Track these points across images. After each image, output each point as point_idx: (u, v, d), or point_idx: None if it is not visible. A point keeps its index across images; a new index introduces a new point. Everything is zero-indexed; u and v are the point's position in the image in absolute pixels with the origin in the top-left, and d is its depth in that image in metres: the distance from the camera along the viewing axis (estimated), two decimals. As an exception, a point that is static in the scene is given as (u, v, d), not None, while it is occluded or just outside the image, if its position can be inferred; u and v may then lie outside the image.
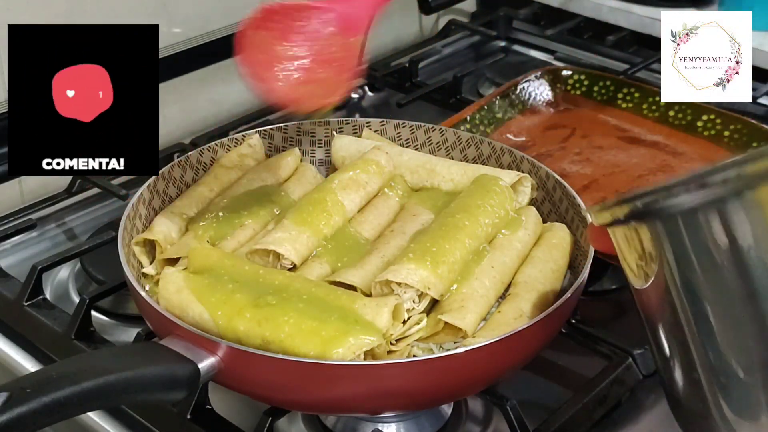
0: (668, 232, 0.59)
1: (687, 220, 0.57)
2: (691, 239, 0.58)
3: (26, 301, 0.94)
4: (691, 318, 0.60)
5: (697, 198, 0.56)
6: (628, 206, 0.60)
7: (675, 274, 0.59)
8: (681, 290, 0.60)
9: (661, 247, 0.59)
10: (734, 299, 0.57)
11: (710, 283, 0.58)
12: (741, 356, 0.58)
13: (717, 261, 0.57)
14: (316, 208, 0.87)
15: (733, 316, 0.58)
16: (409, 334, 0.77)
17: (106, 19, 1.15)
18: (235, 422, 0.81)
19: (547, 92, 1.26)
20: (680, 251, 0.58)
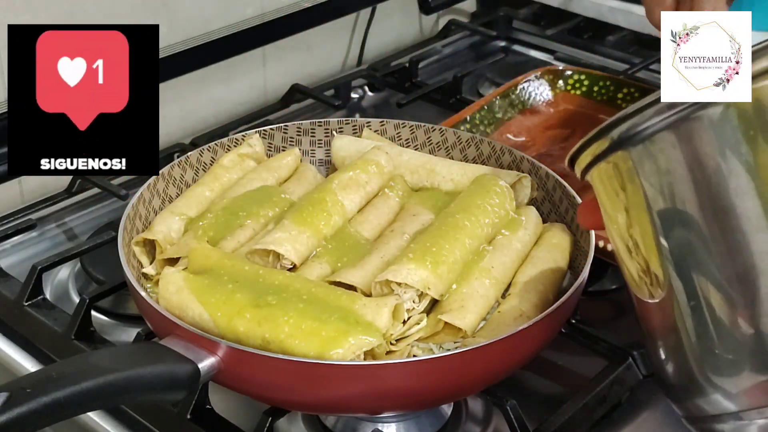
0: (647, 155, 0.59)
1: (663, 140, 0.58)
2: (668, 158, 0.58)
3: (26, 301, 0.94)
4: (671, 244, 0.60)
5: (672, 115, 0.57)
6: (606, 139, 0.61)
7: (656, 196, 0.60)
8: (661, 214, 0.60)
9: (641, 172, 0.60)
10: (714, 217, 0.57)
11: (690, 200, 0.58)
12: (720, 276, 0.58)
13: (701, 176, 0.57)
14: (316, 208, 0.87)
15: (711, 236, 0.58)
16: (409, 334, 0.78)
17: (106, 19, 1.15)
18: (235, 422, 0.81)
19: (547, 92, 1.26)
20: (660, 172, 0.59)
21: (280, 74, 1.38)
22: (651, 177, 0.60)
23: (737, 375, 0.59)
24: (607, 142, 0.62)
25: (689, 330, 0.61)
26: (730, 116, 0.57)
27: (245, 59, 1.31)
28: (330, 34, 1.43)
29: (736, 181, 0.57)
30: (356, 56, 1.51)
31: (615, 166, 0.62)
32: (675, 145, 0.58)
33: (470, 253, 0.84)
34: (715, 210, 0.57)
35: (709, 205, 0.58)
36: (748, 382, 0.59)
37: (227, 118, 1.30)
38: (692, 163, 0.58)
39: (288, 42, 1.35)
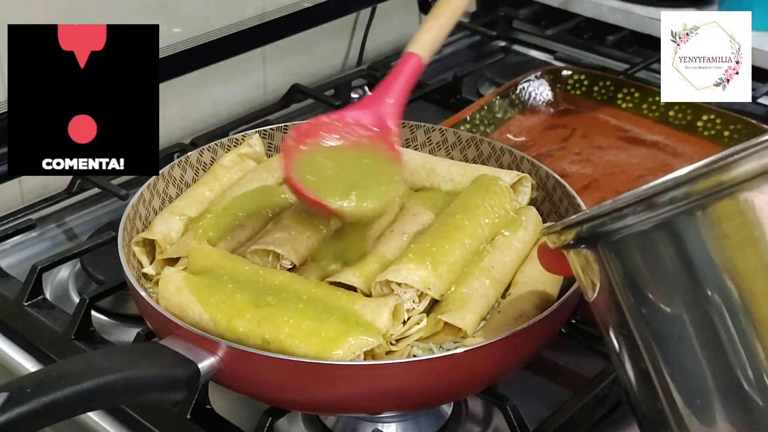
0: (616, 255, 0.57)
1: (634, 242, 0.56)
2: (640, 260, 0.56)
3: (26, 301, 0.94)
4: (646, 341, 0.58)
5: (645, 219, 0.55)
6: (574, 231, 0.59)
7: (625, 296, 0.58)
8: (632, 312, 0.58)
9: (610, 270, 0.58)
10: (687, 322, 0.56)
11: (660, 304, 0.57)
12: (696, 377, 0.57)
13: (667, 281, 0.56)
14: (317, 208, 0.87)
15: (686, 339, 0.57)
16: (409, 334, 0.77)
17: (106, 19, 1.15)
18: (235, 422, 0.81)
19: (547, 92, 1.26)
20: (629, 273, 0.57)
21: (280, 74, 1.38)
22: (618, 275, 0.58)
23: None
24: (576, 234, 0.60)
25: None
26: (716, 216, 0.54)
27: (245, 59, 1.31)
28: (330, 34, 1.43)
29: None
30: (356, 56, 1.51)
31: (585, 256, 0.61)
32: (655, 245, 0.56)
33: (470, 253, 0.84)
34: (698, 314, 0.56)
35: (689, 306, 0.56)
36: None
37: (227, 118, 1.30)
38: (673, 263, 0.56)
39: (288, 42, 1.35)
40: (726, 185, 0.52)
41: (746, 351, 0.54)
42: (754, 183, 0.52)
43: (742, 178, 0.52)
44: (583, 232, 0.58)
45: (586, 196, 0.97)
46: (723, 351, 0.55)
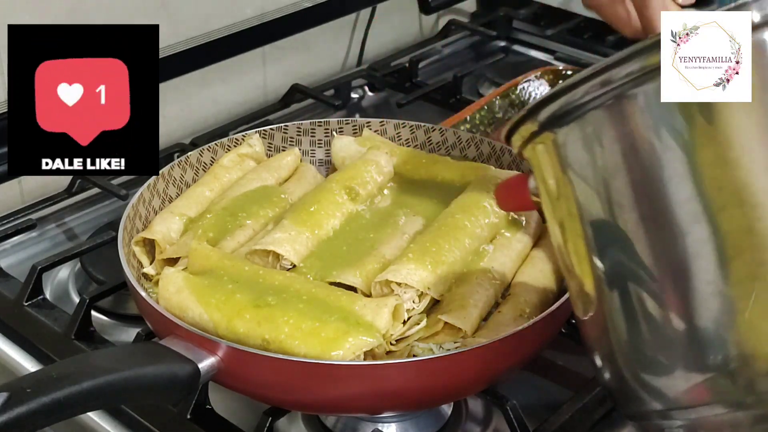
0: (576, 137, 0.58)
1: (593, 120, 0.57)
2: (599, 141, 0.57)
3: (26, 301, 0.94)
4: (599, 237, 0.59)
5: (602, 95, 0.55)
6: (534, 119, 0.60)
7: (584, 183, 0.58)
8: (588, 202, 0.59)
9: (569, 155, 0.59)
10: (646, 205, 0.56)
11: (621, 189, 0.57)
12: (652, 270, 0.57)
13: (633, 161, 0.56)
14: (316, 209, 0.87)
15: (642, 227, 0.57)
16: (409, 335, 0.77)
17: (106, 19, 1.15)
18: (235, 422, 0.81)
19: (547, 92, 1.26)
20: (589, 156, 0.58)
21: (280, 74, 1.38)
22: (579, 162, 0.59)
23: (671, 374, 0.58)
24: (536, 123, 0.61)
25: (620, 329, 0.60)
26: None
27: (245, 59, 1.31)
28: (330, 34, 1.43)
29: (671, 167, 0.55)
30: (356, 56, 1.50)
31: (545, 147, 0.61)
32: (606, 126, 0.57)
33: (470, 254, 0.84)
34: (647, 198, 0.56)
35: (641, 192, 0.56)
36: (681, 382, 0.58)
37: (227, 118, 1.30)
38: (624, 146, 0.56)
39: (288, 42, 1.35)
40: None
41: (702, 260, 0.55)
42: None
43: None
44: (542, 118, 0.59)
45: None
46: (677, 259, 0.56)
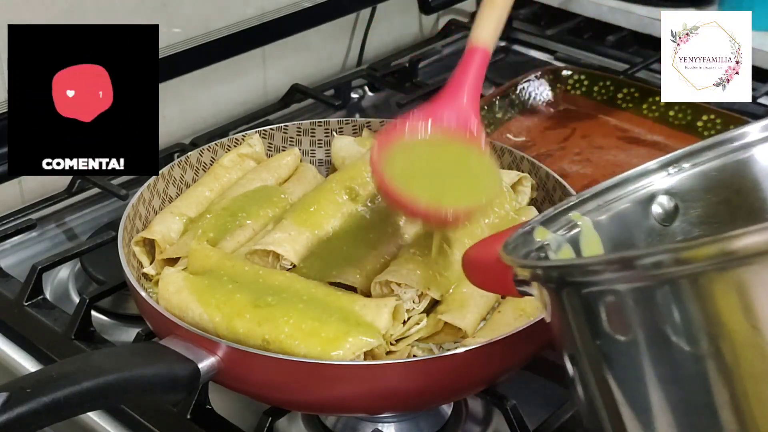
0: (589, 305, 0.52)
1: (606, 299, 0.51)
2: (608, 319, 0.51)
3: (26, 301, 0.94)
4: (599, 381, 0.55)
5: (623, 280, 0.49)
6: (555, 272, 0.54)
7: (581, 346, 0.54)
8: (585, 364, 0.55)
9: (581, 317, 0.53)
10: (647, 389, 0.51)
11: (618, 366, 0.53)
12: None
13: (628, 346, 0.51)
14: (316, 209, 0.87)
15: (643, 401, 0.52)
16: (409, 335, 0.77)
17: (106, 19, 1.15)
18: (235, 422, 0.81)
19: (547, 92, 1.26)
20: (602, 326, 0.52)
21: (280, 74, 1.38)
22: (577, 322, 0.54)
23: None
24: (552, 279, 0.55)
25: None
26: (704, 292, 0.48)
27: (245, 59, 1.31)
28: (330, 34, 1.43)
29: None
30: (356, 56, 1.50)
31: (549, 294, 0.56)
32: (617, 305, 0.51)
33: (470, 253, 0.84)
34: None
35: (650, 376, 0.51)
36: None
37: (227, 118, 1.30)
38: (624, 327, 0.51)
39: (288, 42, 1.35)
40: (727, 258, 0.45)
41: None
42: (757, 260, 0.45)
43: (746, 254, 0.45)
44: (558, 277, 0.54)
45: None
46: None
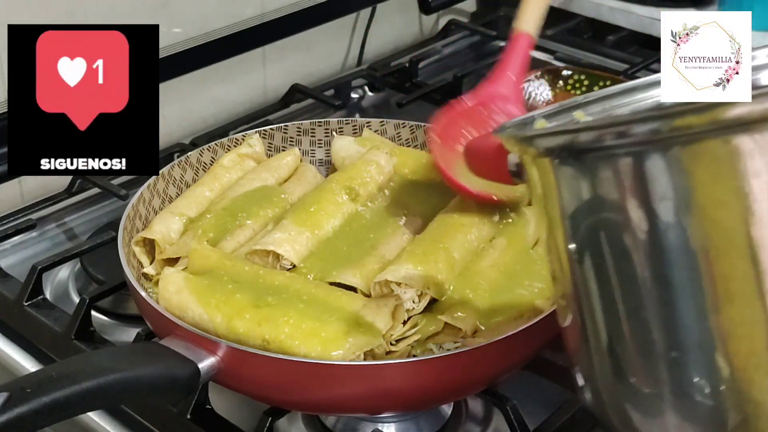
0: (578, 172, 0.54)
1: (598, 162, 0.53)
2: (598, 181, 0.53)
3: (26, 301, 0.94)
4: (585, 261, 0.56)
5: (623, 143, 0.52)
6: (560, 139, 0.55)
7: (584, 220, 0.55)
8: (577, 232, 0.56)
9: (566, 186, 0.55)
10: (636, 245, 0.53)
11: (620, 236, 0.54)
12: (640, 329, 0.54)
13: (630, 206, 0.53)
14: (316, 209, 0.87)
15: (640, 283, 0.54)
16: (409, 335, 0.77)
17: (105, 19, 1.15)
18: (235, 422, 0.81)
19: (547, 92, 1.26)
20: (585, 191, 0.54)
21: (280, 74, 1.38)
22: (575, 196, 0.55)
23: (660, 418, 0.55)
24: (541, 147, 0.57)
25: (605, 363, 0.58)
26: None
27: (245, 59, 1.31)
28: (330, 34, 1.43)
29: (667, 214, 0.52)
30: (356, 56, 1.50)
31: (543, 167, 0.57)
32: (615, 172, 0.53)
33: (470, 253, 0.84)
34: (635, 251, 0.53)
35: (637, 234, 0.53)
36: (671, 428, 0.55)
37: (227, 118, 1.30)
38: (624, 194, 0.53)
39: (288, 42, 1.35)
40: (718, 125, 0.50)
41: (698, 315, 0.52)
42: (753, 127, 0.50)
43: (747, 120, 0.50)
44: (574, 144, 0.54)
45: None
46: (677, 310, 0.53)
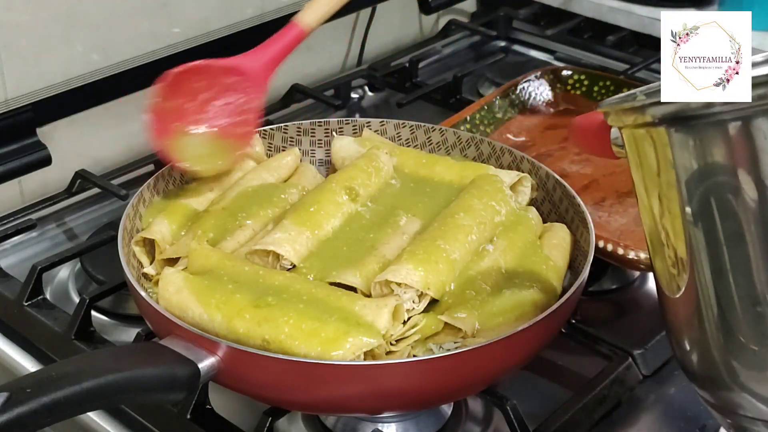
0: (692, 140, 0.58)
1: (715, 130, 0.57)
2: (716, 148, 0.57)
3: (26, 301, 0.94)
4: (702, 231, 0.59)
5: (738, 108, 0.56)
6: (652, 110, 0.59)
7: (693, 183, 0.59)
8: (694, 200, 0.59)
9: (681, 154, 0.59)
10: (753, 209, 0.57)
11: (727, 191, 0.57)
12: (749, 286, 0.58)
13: (743, 171, 0.56)
14: (316, 209, 0.87)
15: (746, 227, 0.57)
16: (409, 335, 0.77)
17: (106, 19, 1.15)
18: (235, 422, 0.81)
19: (547, 92, 1.26)
20: (700, 159, 0.58)
21: (280, 74, 1.37)
22: (690, 162, 0.59)
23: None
24: (651, 115, 0.60)
25: (714, 322, 0.60)
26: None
27: (245, 59, 1.31)
28: (330, 34, 1.43)
29: None
30: (356, 56, 1.50)
31: (650, 137, 0.61)
32: (726, 136, 0.57)
33: (470, 253, 0.84)
34: (753, 202, 0.57)
35: (748, 196, 0.57)
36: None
37: (227, 118, 1.30)
38: (734, 157, 0.57)
39: (288, 42, 1.35)
40: None
41: None
42: None
43: None
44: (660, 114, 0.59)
45: (586, 196, 0.97)
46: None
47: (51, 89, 1.12)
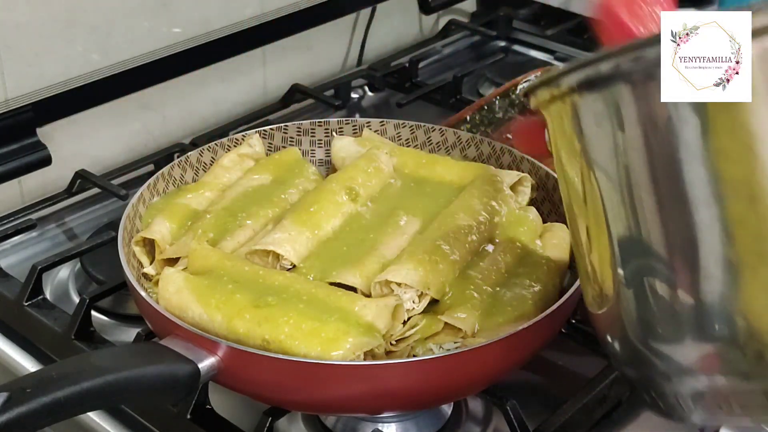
0: (601, 104, 0.58)
1: (621, 90, 0.57)
2: (625, 111, 0.58)
3: (26, 301, 0.94)
4: (610, 207, 0.60)
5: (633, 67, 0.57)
6: (566, 79, 0.60)
7: (603, 151, 0.59)
8: (604, 170, 0.59)
9: (591, 120, 0.59)
10: (660, 181, 0.57)
11: (637, 162, 0.57)
12: (660, 245, 0.58)
13: (653, 137, 0.57)
14: (316, 209, 0.87)
15: (654, 201, 0.58)
16: (409, 335, 0.77)
17: (106, 19, 1.15)
18: (235, 422, 0.81)
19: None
20: (613, 124, 0.58)
21: (280, 74, 1.38)
22: (600, 129, 0.59)
23: (680, 343, 0.59)
24: (560, 87, 0.62)
25: (629, 301, 0.61)
26: None
27: (245, 59, 1.31)
28: (330, 34, 1.43)
29: (687, 147, 0.56)
30: (356, 56, 1.50)
31: (563, 110, 0.62)
32: (631, 101, 0.58)
33: (470, 253, 0.84)
34: (661, 174, 0.57)
35: (656, 167, 0.57)
36: (691, 350, 0.59)
37: (227, 118, 1.30)
38: (647, 120, 0.57)
39: (288, 42, 1.35)
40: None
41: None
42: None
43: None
44: (571, 83, 0.60)
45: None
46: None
47: (51, 89, 1.12)
